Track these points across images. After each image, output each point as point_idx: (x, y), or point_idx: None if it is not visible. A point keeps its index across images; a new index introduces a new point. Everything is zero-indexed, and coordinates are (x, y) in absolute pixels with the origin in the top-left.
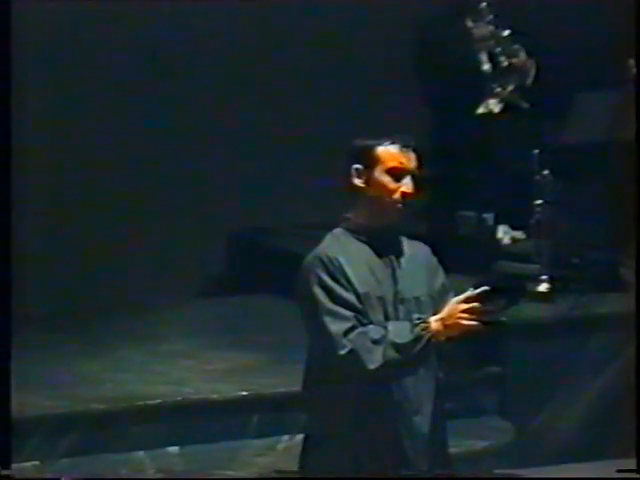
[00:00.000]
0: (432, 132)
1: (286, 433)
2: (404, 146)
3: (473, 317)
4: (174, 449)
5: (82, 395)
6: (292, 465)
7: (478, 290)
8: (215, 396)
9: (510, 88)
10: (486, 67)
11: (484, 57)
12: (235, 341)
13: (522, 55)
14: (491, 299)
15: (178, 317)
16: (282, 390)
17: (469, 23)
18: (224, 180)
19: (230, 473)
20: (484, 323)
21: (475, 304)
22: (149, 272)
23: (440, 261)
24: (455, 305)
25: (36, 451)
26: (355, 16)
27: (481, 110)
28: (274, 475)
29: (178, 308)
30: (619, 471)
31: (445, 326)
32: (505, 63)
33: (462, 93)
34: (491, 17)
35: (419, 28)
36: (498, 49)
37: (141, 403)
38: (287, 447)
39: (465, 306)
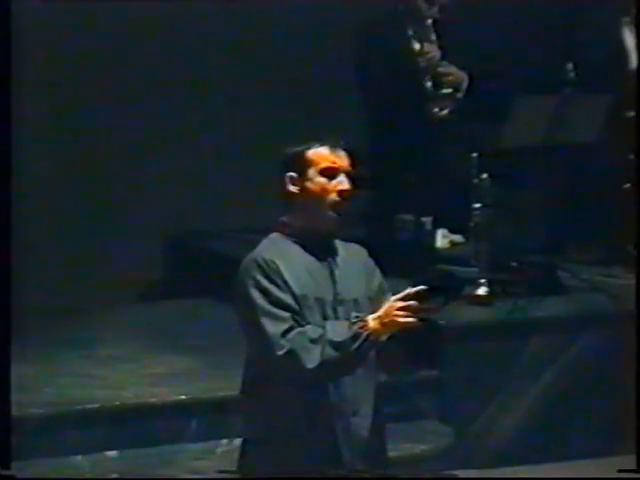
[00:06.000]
0: (371, 135)
1: (225, 437)
2: (334, 146)
3: (410, 315)
4: (112, 453)
5: (20, 400)
6: (230, 469)
7: (415, 289)
8: (153, 400)
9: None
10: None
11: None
12: (174, 345)
13: (454, 69)
14: (428, 297)
15: (116, 321)
16: (221, 394)
17: (410, 31)
18: (161, 183)
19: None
20: (421, 321)
21: (412, 302)
22: (87, 275)
23: (379, 264)
24: (392, 303)
25: None
26: (300, 20)
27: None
28: (215, 475)
29: (116, 312)
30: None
31: (382, 324)
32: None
33: (402, 96)
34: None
35: (364, 36)
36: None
37: (79, 407)
38: (225, 451)
39: (402, 304)
